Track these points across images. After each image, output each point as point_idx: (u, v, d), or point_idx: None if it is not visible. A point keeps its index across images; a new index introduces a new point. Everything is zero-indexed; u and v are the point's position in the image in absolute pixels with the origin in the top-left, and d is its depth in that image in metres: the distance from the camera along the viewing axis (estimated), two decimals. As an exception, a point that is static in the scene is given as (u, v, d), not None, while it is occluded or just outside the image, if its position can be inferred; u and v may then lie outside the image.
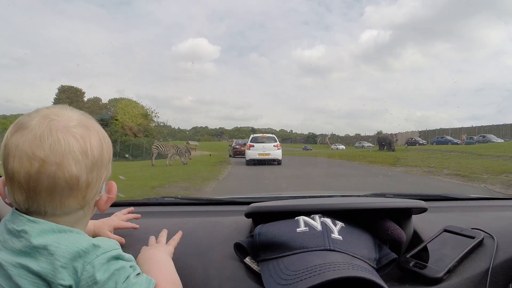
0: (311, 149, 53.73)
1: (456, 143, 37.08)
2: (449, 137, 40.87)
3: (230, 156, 29.09)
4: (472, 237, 1.05)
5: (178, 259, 1.06)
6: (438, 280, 0.93)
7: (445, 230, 1.12)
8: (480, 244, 1.03)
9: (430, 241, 1.09)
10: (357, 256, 0.93)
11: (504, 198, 1.98)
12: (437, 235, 1.11)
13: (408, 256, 1.05)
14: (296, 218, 1.04)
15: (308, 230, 0.99)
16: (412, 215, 1.20)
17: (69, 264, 0.73)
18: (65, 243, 0.75)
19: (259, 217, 1.16)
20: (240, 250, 1.07)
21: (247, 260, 1.04)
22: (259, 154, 20.39)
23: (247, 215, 1.19)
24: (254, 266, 1.01)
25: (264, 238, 1.02)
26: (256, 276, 0.98)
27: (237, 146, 28.04)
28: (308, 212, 1.06)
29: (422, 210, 1.16)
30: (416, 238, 1.17)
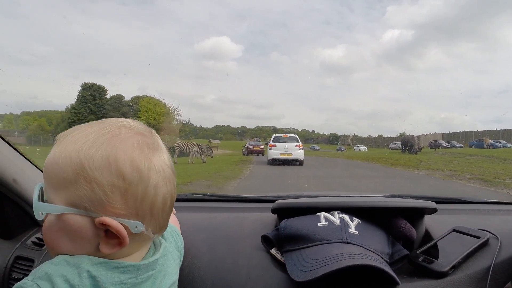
0: (345, 150, 54.36)
1: (499, 147, 35.99)
2: (490, 141, 39.29)
3: (243, 154, 32.04)
4: (478, 237, 1.14)
5: (210, 248, 1.19)
6: (444, 274, 1.02)
7: (454, 230, 1.22)
8: (485, 243, 1.12)
9: (439, 239, 1.19)
10: (371, 249, 1.03)
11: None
12: (447, 234, 1.21)
13: (418, 252, 1.15)
14: (318, 214, 1.16)
15: (328, 224, 1.10)
16: (425, 216, 1.30)
17: None
18: None
19: (284, 213, 1.28)
20: (267, 242, 1.18)
21: (273, 251, 1.15)
22: (281, 154, 20.42)
23: (273, 210, 1.32)
24: (279, 256, 1.12)
25: (288, 231, 1.14)
26: (280, 265, 1.09)
27: (250, 146, 31.55)
28: (328, 209, 1.18)
29: (433, 210, 1.26)
30: (427, 236, 1.26)
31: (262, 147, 31.30)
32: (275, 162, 20.31)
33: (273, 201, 1.79)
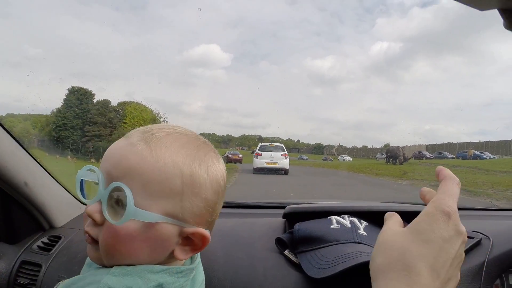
0: (332, 160, 54.67)
1: (485, 158, 36.33)
2: (477, 152, 39.38)
3: None
4: (472, 237, 1.25)
5: (224, 251, 1.25)
6: None
7: None
8: (478, 243, 1.23)
9: None
10: None
11: (506, 209, 2.15)
12: None
13: None
14: (329, 217, 1.25)
15: (339, 227, 1.19)
16: None
17: None
18: None
19: (294, 217, 1.36)
20: (280, 244, 1.26)
21: (287, 252, 1.22)
22: (267, 163, 20.50)
23: (285, 215, 1.39)
24: (292, 257, 1.19)
25: (302, 233, 1.22)
26: (294, 266, 1.16)
27: (230, 155, 33.05)
28: (338, 213, 1.27)
29: None
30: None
31: (240, 156, 32.99)
32: (261, 171, 20.36)
33: (276, 207, 1.88)
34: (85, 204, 0.73)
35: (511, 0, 0.52)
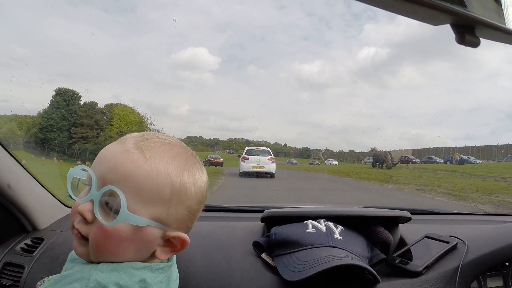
0: (319, 164, 54.86)
1: (472, 162, 36.09)
2: (464, 156, 39.74)
3: (204, 165, 35.25)
4: (448, 242, 1.28)
5: (203, 255, 1.26)
6: (418, 274, 1.16)
7: (426, 236, 1.35)
8: (454, 247, 1.26)
9: (413, 245, 1.32)
10: (353, 253, 1.15)
11: (483, 214, 2.20)
12: (419, 240, 1.35)
13: (395, 255, 1.28)
14: (305, 221, 1.27)
15: (315, 231, 1.21)
16: (399, 224, 1.42)
17: None
18: None
19: (272, 221, 1.37)
20: (257, 247, 1.28)
21: (264, 255, 1.24)
22: (253, 167, 20.43)
23: (263, 219, 1.41)
24: (269, 260, 1.22)
25: (279, 237, 1.24)
26: (271, 269, 1.19)
27: (211, 159, 33.49)
28: (315, 217, 1.29)
29: (407, 219, 1.39)
30: (402, 243, 1.39)
31: (221, 160, 33.10)
32: (247, 175, 20.36)
33: (257, 211, 1.89)
34: (69, 207, 0.77)
35: (461, 17, 0.56)
